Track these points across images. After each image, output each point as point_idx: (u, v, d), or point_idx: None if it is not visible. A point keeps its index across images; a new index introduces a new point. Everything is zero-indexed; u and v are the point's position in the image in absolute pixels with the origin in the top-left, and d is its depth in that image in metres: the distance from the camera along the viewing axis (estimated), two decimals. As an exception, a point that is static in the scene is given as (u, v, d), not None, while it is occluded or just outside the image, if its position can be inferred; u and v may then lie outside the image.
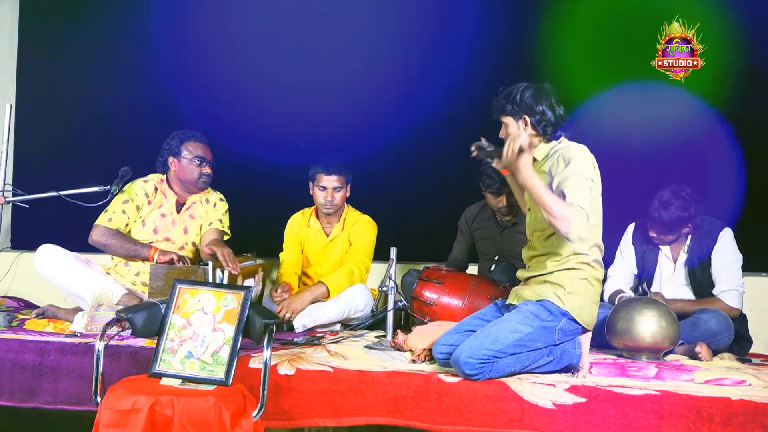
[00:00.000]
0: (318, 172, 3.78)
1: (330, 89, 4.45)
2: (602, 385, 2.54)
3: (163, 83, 4.62)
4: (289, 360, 2.75)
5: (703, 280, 3.44)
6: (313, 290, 3.59)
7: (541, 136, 2.82)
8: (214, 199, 3.72)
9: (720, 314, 3.26)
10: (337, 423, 2.66)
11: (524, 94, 2.80)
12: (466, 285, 3.42)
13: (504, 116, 2.85)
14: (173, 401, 2.18)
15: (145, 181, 3.69)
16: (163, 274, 3.27)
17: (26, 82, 4.90)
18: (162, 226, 3.60)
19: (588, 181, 2.66)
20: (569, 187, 2.64)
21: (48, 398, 2.85)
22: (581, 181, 2.64)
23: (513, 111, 2.82)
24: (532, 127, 2.80)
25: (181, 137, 3.66)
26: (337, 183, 3.76)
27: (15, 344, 2.93)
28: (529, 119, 2.80)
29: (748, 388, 2.59)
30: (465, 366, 2.55)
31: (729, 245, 3.42)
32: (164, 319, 2.40)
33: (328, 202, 3.78)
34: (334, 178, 3.76)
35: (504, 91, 2.86)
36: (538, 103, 2.79)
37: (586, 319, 2.74)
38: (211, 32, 4.56)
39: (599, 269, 2.79)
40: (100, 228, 3.55)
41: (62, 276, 3.41)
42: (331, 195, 3.77)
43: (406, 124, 4.36)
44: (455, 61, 4.32)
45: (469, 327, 2.80)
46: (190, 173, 3.64)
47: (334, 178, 3.76)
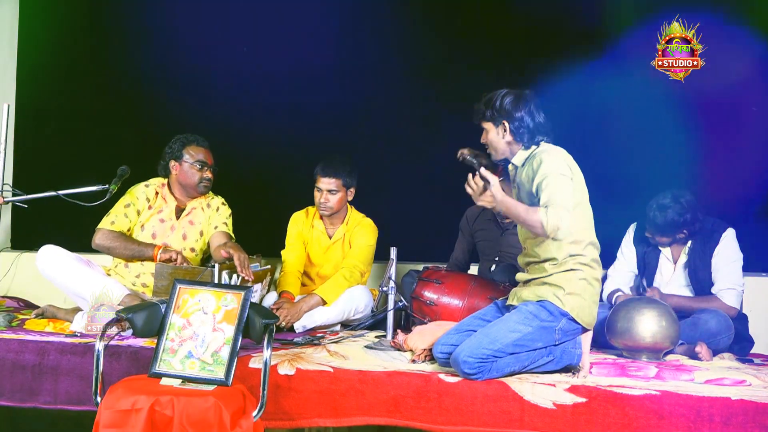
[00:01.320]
0: (316, 174, 3.79)
1: (331, 89, 4.45)
2: (602, 385, 2.54)
3: (163, 83, 4.61)
4: (289, 360, 2.75)
5: (704, 280, 3.43)
6: (307, 301, 3.59)
7: (521, 143, 2.84)
8: (216, 203, 3.72)
9: (720, 314, 3.26)
10: (337, 423, 2.66)
11: (504, 100, 2.83)
12: (466, 285, 3.42)
13: (484, 122, 2.88)
14: (173, 401, 2.18)
15: (146, 185, 3.69)
16: (168, 274, 3.26)
17: (26, 82, 4.90)
18: (160, 232, 3.60)
19: (560, 176, 2.67)
20: (543, 188, 2.67)
21: (48, 398, 2.85)
22: (553, 179, 2.67)
23: (493, 117, 2.85)
24: (511, 133, 2.83)
25: (183, 141, 3.66)
26: (332, 186, 3.76)
27: (15, 344, 2.93)
28: (509, 125, 2.82)
29: (748, 388, 2.59)
30: (464, 365, 2.56)
31: (731, 245, 3.42)
32: (164, 319, 2.40)
33: (322, 204, 3.78)
34: (328, 180, 3.75)
35: (485, 97, 2.89)
36: (517, 110, 2.81)
37: (586, 319, 2.74)
38: (212, 32, 4.56)
39: (598, 268, 2.79)
40: (104, 231, 3.55)
41: (64, 277, 3.41)
42: (325, 197, 3.77)
43: (407, 124, 4.36)
44: (455, 61, 4.31)
45: (470, 327, 2.80)
46: (191, 177, 3.63)
47: (328, 180, 3.75)
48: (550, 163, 2.71)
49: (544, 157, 2.74)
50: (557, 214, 2.60)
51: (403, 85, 4.36)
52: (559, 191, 2.65)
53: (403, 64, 4.37)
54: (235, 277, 3.15)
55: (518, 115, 2.81)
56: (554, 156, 2.75)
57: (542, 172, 2.69)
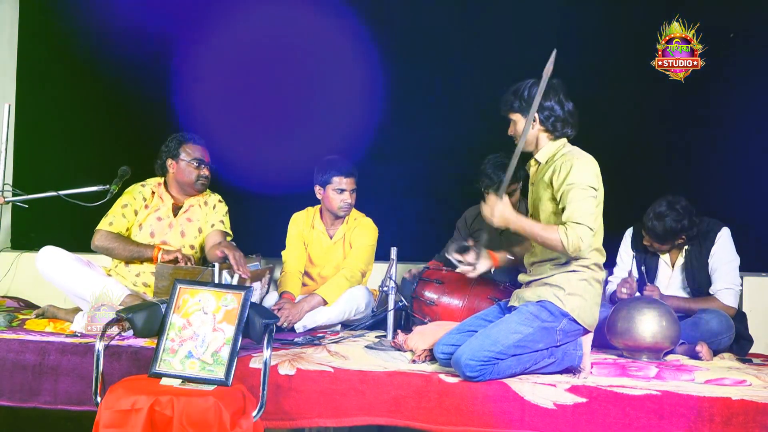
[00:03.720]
0: (333, 176, 3.75)
1: (330, 89, 4.44)
2: (603, 385, 2.54)
3: (163, 83, 4.61)
4: (289, 360, 2.75)
5: (702, 281, 3.43)
6: (309, 301, 3.59)
7: (550, 133, 2.78)
8: (213, 201, 3.71)
9: (721, 314, 3.26)
10: (338, 423, 2.66)
11: (532, 89, 2.74)
12: (466, 285, 3.41)
13: (512, 113, 2.80)
14: (173, 401, 2.18)
15: (143, 185, 3.69)
16: (168, 274, 3.25)
17: (26, 82, 4.90)
18: (158, 230, 3.60)
19: (588, 190, 2.62)
20: (567, 199, 2.62)
21: (48, 398, 2.85)
22: (579, 192, 2.61)
23: (521, 107, 2.76)
24: (541, 123, 2.76)
25: (180, 139, 3.66)
26: (353, 185, 3.78)
27: (15, 344, 2.93)
28: (538, 116, 2.75)
29: (748, 388, 2.59)
30: (466, 368, 2.55)
31: (727, 245, 3.42)
32: (164, 319, 2.40)
33: (346, 204, 3.77)
34: (350, 180, 3.76)
35: (511, 88, 2.80)
36: (546, 99, 2.73)
37: (587, 320, 2.73)
38: (211, 32, 4.56)
39: (599, 271, 2.78)
40: (102, 232, 3.55)
41: (65, 278, 3.41)
42: (350, 197, 3.77)
43: (407, 124, 4.36)
44: (456, 61, 4.31)
45: (471, 327, 2.80)
46: (188, 175, 3.63)
47: (350, 180, 3.76)
48: (580, 172, 2.63)
49: (575, 162, 2.65)
50: (577, 233, 2.55)
51: (404, 85, 4.36)
52: (583, 208, 2.59)
53: (404, 63, 4.37)
54: (228, 275, 3.15)
55: (548, 104, 2.73)
56: (585, 164, 2.67)
57: (570, 180, 2.62)
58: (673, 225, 3.33)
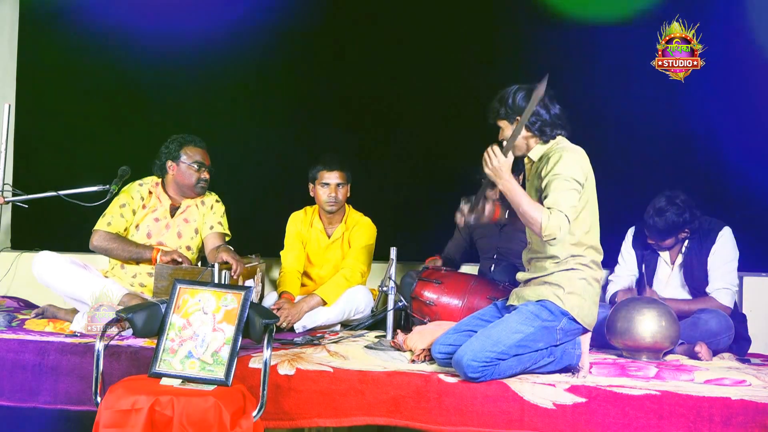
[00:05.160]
0: (320, 171, 3.79)
1: (329, 88, 4.45)
2: (602, 385, 2.54)
3: (162, 83, 4.61)
4: (289, 360, 2.75)
5: (700, 279, 3.43)
6: (308, 301, 3.59)
7: (538, 137, 2.80)
8: (210, 201, 3.70)
9: (720, 314, 3.26)
10: (337, 423, 2.67)
11: (516, 96, 2.77)
12: (465, 285, 3.42)
13: (499, 120, 2.83)
14: (173, 401, 2.19)
15: (140, 184, 3.67)
16: (168, 274, 3.25)
17: (26, 82, 4.90)
18: (155, 231, 3.59)
19: (571, 182, 2.63)
20: (551, 188, 2.63)
21: (48, 398, 2.85)
22: (563, 183, 2.63)
23: (507, 114, 2.79)
24: (527, 129, 2.77)
25: (181, 141, 3.64)
26: (339, 179, 3.78)
27: (15, 344, 2.93)
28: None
29: (748, 388, 2.59)
30: (468, 369, 2.54)
31: (727, 244, 3.42)
32: (164, 319, 2.40)
33: (332, 198, 3.78)
34: (335, 174, 3.78)
35: (498, 95, 2.83)
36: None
37: (587, 319, 2.74)
38: (211, 32, 4.55)
39: (597, 270, 2.78)
40: (100, 233, 3.54)
41: (62, 282, 3.40)
42: (335, 191, 3.78)
43: (406, 123, 4.36)
44: (455, 62, 4.31)
45: (469, 327, 2.80)
46: (188, 178, 3.62)
47: (335, 174, 3.78)
48: (566, 165, 2.65)
49: (564, 154, 2.67)
50: (558, 221, 2.56)
51: (403, 84, 4.36)
52: (566, 197, 2.61)
53: (404, 64, 4.36)
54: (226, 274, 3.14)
55: (533, 110, 2.74)
56: (572, 157, 2.69)
57: (556, 171, 2.64)
58: (675, 219, 3.34)
